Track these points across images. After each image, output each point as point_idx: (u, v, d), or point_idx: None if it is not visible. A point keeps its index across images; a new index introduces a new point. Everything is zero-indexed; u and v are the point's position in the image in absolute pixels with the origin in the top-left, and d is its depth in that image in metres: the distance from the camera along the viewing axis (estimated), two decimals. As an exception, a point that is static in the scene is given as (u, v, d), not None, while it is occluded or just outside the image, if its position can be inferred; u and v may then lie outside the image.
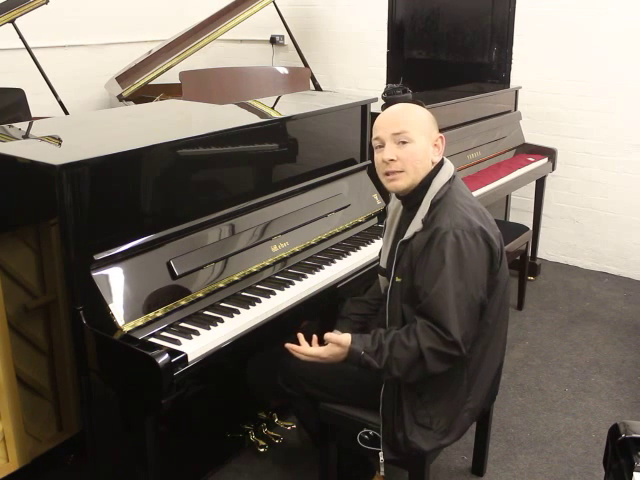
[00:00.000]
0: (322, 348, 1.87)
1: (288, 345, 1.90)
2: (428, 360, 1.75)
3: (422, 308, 1.79)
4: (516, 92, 4.08)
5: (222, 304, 2.05)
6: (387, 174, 1.89)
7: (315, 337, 1.92)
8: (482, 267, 1.81)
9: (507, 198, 4.20)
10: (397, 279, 1.88)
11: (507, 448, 2.56)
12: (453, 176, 1.91)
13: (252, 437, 2.44)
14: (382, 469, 1.94)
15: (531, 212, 4.06)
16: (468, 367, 1.90)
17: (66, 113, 3.89)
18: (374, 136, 1.92)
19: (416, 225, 1.86)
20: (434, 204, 1.85)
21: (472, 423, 2.03)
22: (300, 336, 1.94)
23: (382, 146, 1.88)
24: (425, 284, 1.79)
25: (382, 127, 1.89)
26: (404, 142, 1.85)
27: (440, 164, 1.92)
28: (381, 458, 1.92)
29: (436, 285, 1.76)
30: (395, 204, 2.05)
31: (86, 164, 1.82)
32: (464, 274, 1.77)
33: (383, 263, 2.05)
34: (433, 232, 1.80)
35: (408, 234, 1.87)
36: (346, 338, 1.83)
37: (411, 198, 1.92)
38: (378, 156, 1.90)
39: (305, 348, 1.90)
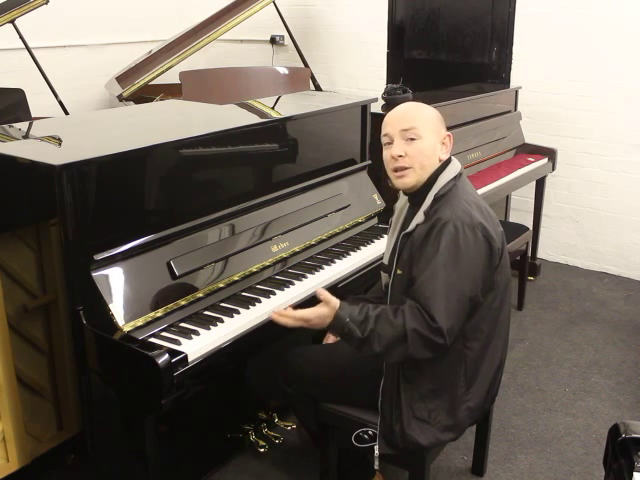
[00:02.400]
0: (309, 310, 1.84)
1: (273, 315, 1.86)
2: (411, 342, 1.74)
3: (412, 292, 1.80)
4: (516, 92, 4.08)
5: (222, 304, 2.05)
6: (395, 170, 1.90)
7: (289, 307, 1.89)
8: (479, 262, 1.81)
9: (507, 198, 4.20)
10: (398, 271, 1.90)
11: (507, 448, 2.56)
12: (459, 174, 1.92)
13: (252, 437, 2.44)
14: (377, 462, 1.93)
15: (531, 212, 4.06)
16: (466, 363, 1.90)
17: (66, 113, 3.90)
18: (383, 133, 1.93)
19: (418, 217, 1.87)
20: (437, 198, 1.86)
21: (472, 423, 2.03)
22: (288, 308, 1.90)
23: (391, 142, 1.90)
24: (419, 271, 1.80)
25: (391, 124, 1.91)
26: (412, 139, 1.87)
27: (447, 162, 1.93)
28: (376, 452, 1.91)
29: (427, 271, 1.78)
30: (402, 202, 2.07)
31: (86, 164, 1.82)
32: (458, 266, 1.77)
33: (386, 259, 2.06)
34: (433, 223, 1.81)
35: (411, 226, 1.88)
36: (335, 301, 1.82)
37: (417, 195, 1.93)
38: (387, 152, 1.92)
39: (292, 311, 1.86)
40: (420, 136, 1.87)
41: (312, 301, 2.18)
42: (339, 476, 2.18)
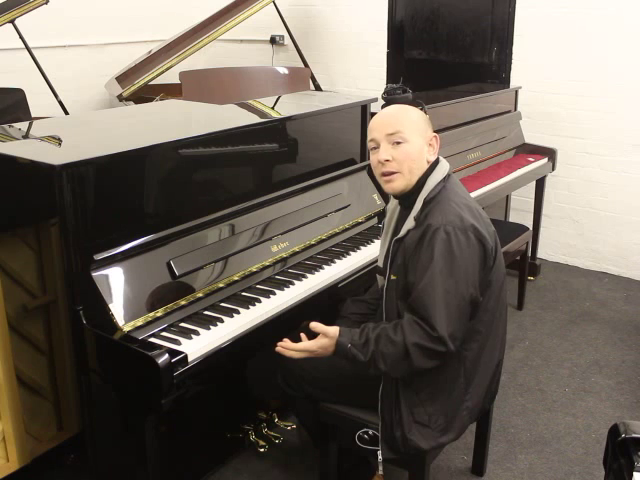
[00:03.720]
0: (311, 342, 1.86)
1: (278, 348, 1.88)
2: (413, 356, 1.75)
3: (410, 303, 1.80)
4: (516, 92, 4.08)
5: (222, 304, 2.05)
6: (384, 175, 1.90)
7: (303, 335, 1.91)
8: (474, 264, 1.81)
9: (507, 198, 4.20)
10: (392, 277, 1.89)
11: (507, 448, 2.56)
12: (448, 175, 1.92)
13: (252, 437, 2.44)
14: (380, 467, 1.95)
15: (531, 212, 4.06)
16: (465, 365, 1.90)
17: (66, 113, 3.90)
18: (369, 138, 1.93)
19: (409, 223, 1.87)
20: (427, 202, 1.86)
21: (471, 422, 2.03)
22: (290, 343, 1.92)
23: (377, 147, 1.89)
24: (416, 280, 1.80)
25: (376, 128, 1.90)
26: (399, 142, 1.86)
27: (435, 163, 1.93)
28: (379, 457, 1.92)
29: (424, 280, 1.77)
30: (393, 204, 2.07)
31: (86, 164, 1.82)
32: (454, 271, 1.77)
33: (380, 262, 2.06)
34: (425, 229, 1.81)
35: (402, 232, 1.88)
36: (333, 330, 1.83)
37: (407, 198, 1.92)
38: (374, 157, 1.91)
39: (294, 344, 1.88)
40: (406, 139, 1.86)
41: (312, 301, 2.20)
42: (339, 476, 2.18)
